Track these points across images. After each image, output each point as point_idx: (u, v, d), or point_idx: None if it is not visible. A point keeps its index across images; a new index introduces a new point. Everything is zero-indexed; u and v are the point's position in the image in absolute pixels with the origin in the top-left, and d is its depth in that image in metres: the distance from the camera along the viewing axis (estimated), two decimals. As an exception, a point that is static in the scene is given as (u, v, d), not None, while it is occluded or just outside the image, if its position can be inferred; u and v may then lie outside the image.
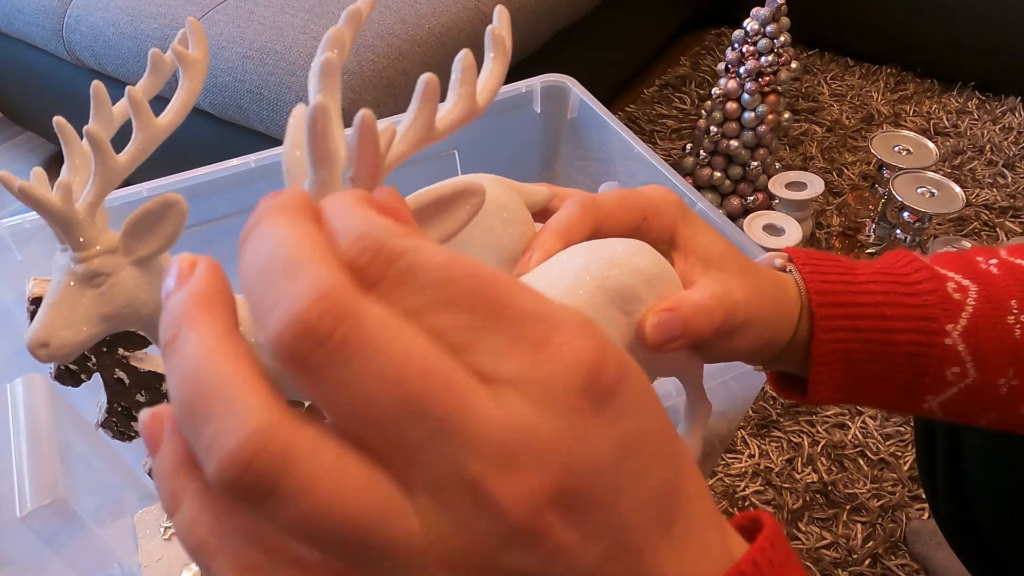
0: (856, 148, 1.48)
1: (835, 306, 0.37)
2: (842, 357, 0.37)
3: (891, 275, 0.38)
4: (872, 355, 0.37)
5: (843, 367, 0.38)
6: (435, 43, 1.03)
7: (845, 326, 0.37)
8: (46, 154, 1.60)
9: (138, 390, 0.54)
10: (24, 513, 0.52)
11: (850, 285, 0.37)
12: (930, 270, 0.38)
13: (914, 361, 0.37)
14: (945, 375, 0.37)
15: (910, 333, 0.37)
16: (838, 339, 0.37)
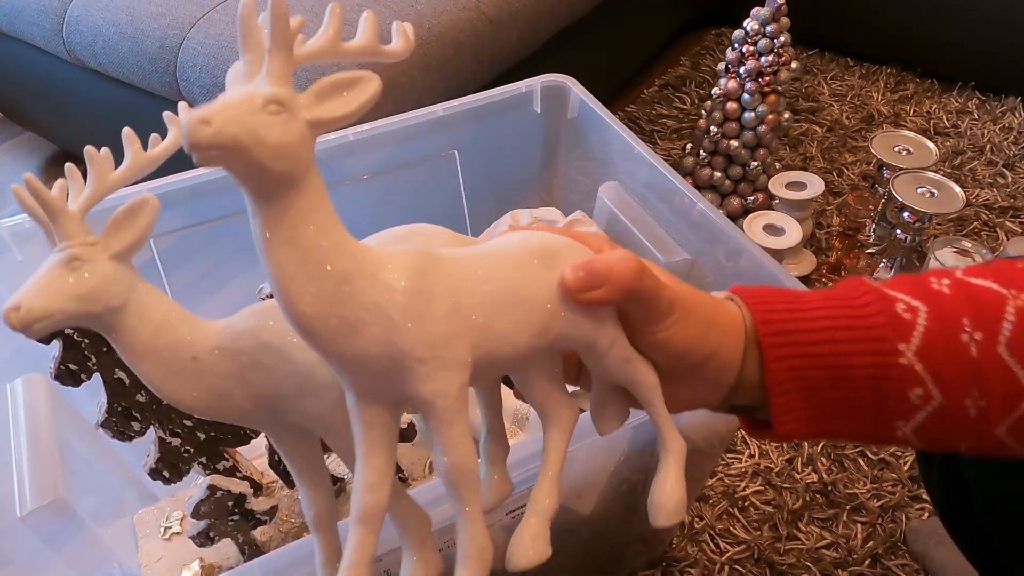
0: (856, 148, 1.48)
1: (782, 333, 0.37)
2: (800, 385, 0.37)
3: (838, 300, 0.38)
4: (830, 380, 0.37)
5: (803, 395, 0.37)
6: (435, 43, 1.03)
7: (796, 352, 0.37)
8: (46, 154, 1.60)
9: (138, 390, 0.54)
10: (24, 513, 0.52)
11: (796, 312, 0.37)
12: (878, 293, 0.37)
13: (874, 384, 0.36)
14: (909, 397, 0.36)
15: (864, 355, 0.36)
16: (792, 366, 0.37)
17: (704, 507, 0.93)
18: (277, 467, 0.61)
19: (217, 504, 0.56)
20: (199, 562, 0.64)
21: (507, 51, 1.14)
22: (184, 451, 0.58)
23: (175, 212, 0.54)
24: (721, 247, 0.71)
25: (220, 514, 0.57)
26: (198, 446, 0.58)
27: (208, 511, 0.56)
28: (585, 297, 0.35)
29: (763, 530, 0.91)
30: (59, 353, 0.51)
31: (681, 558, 0.89)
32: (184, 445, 0.57)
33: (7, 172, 1.57)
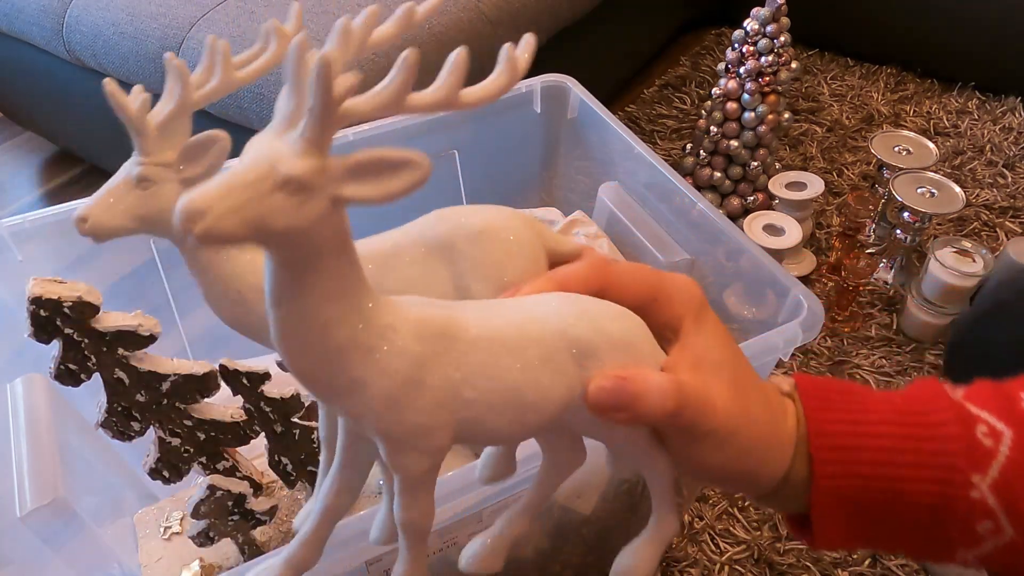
0: (856, 148, 1.48)
1: (837, 449, 0.33)
2: (850, 507, 0.34)
3: (909, 415, 0.34)
4: (885, 505, 0.33)
5: (853, 515, 0.34)
6: (435, 43, 1.03)
7: (851, 472, 0.33)
8: (46, 154, 1.60)
9: (138, 390, 0.54)
10: (24, 513, 0.52)
11: (857, 426, 0.34)
12: (958, 409, 0.33)
13: (936, 514, 0.33)
14: (976, 529, 0.33)
15: (929, 484, 0.32)
16: (843, 486, 0.33)
17: (704, 507, 0.93)
18: (277, 467, 0.61)
19: (217, 504, 0.56)
20: (199, 562, 0.64)
21: (507, 51, 1.13)
22: (184, 451, 0.58)
23: (175, 212, 0.54)
24: (721, 247, 0.71)
25: (220, 514, 0.57)
26: (198, 446, 0.58)
27: (208, 511, 0.56)
28: (604, 416, 0.32)
29: (763, 530, 0.91)
30: (59, 353, 0.51)
31: (681, 558, 0.89)
32: (184, 445, 0.57)
33: (7, 172, 1.57)
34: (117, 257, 0.76)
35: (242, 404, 0.57)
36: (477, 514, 0.56)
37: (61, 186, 1.52)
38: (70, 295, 0.47)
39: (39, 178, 1.55)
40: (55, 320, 0.48)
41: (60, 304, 0.47)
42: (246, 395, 0.55)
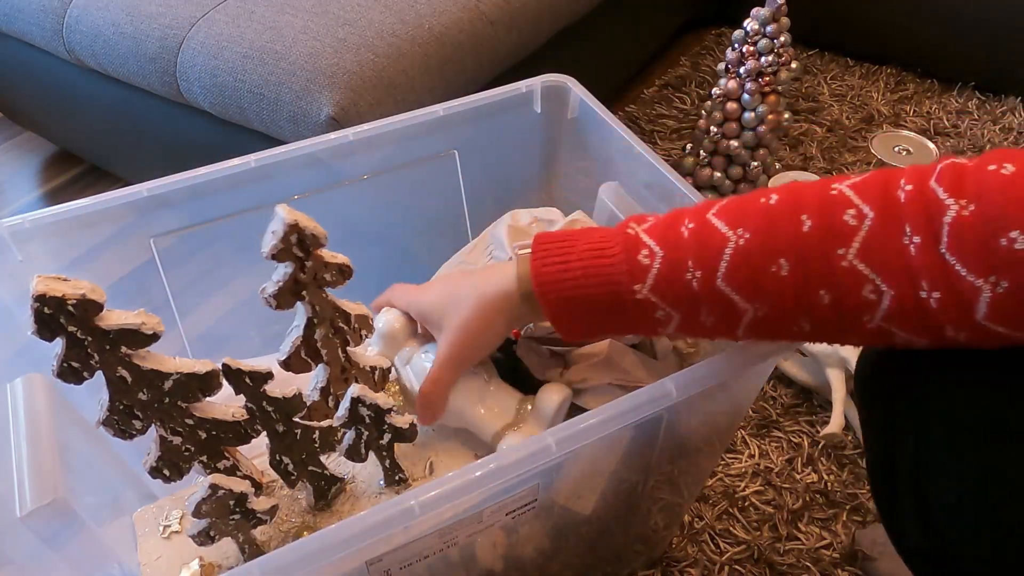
0: (856, 148, 1.48)
1: (549, 284, 0.51)
2: (567, 312, 0.51)
3: (595, 252, 0.50)
4: (588, 310, 0.51)
5: (573, 316, 0.51)
6: (435, 43, 1.03)
7: (559, 295, 0.51)
8: (46, 154, 1.60)
9: (140, 388, 0.54)
10: (24, 513, 0.52)
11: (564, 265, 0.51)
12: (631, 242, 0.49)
13: (619, 313, 0.50)
14: (655, 317, 0.49)
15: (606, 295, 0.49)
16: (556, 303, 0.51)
17: (704, 507, 0.93)
18: (278, 466, 0.61)
19: (219, 503, 0.56)
20: (198, 561, 0.64)
21: (507, 51, 1.14)
22: (185, 450, 0.57)
23: (175, 212, 0.54)
24: (721, 247, 0.71)
25: (221, 513, 0.57)
26: (199, 445, 0.58)
27: (209, 510, 0.56)
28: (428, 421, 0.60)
29: (763, 530, 0.91)
30: (62, 351, 0.51)
31: (681, 558, 0.89)
32: (185, 444, 0.57)
33: (7, 172, 1.57)
34: (117, 257, 0.76)
35: (244, 403, 0.57)
36: (477, 514, 0.56)
37: (61, 186, 1.52)
38: (74, 293, 0.47)
39: (39, 178, 1.55)
40: (58, 318, 0.48)
41: (64, 302, 0.47)
42: (248, 394, 0.55)
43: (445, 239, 0.92)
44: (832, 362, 1.02)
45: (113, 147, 1.39)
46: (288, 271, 0.54)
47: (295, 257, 0.53)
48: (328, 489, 0.63)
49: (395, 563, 0.55)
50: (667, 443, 0.65)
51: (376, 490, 0.63)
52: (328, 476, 0.62)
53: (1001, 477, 0.46)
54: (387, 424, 0.57)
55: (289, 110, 0.96)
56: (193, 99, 1.06)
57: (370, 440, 0.59)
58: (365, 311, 0.60)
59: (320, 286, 0.56)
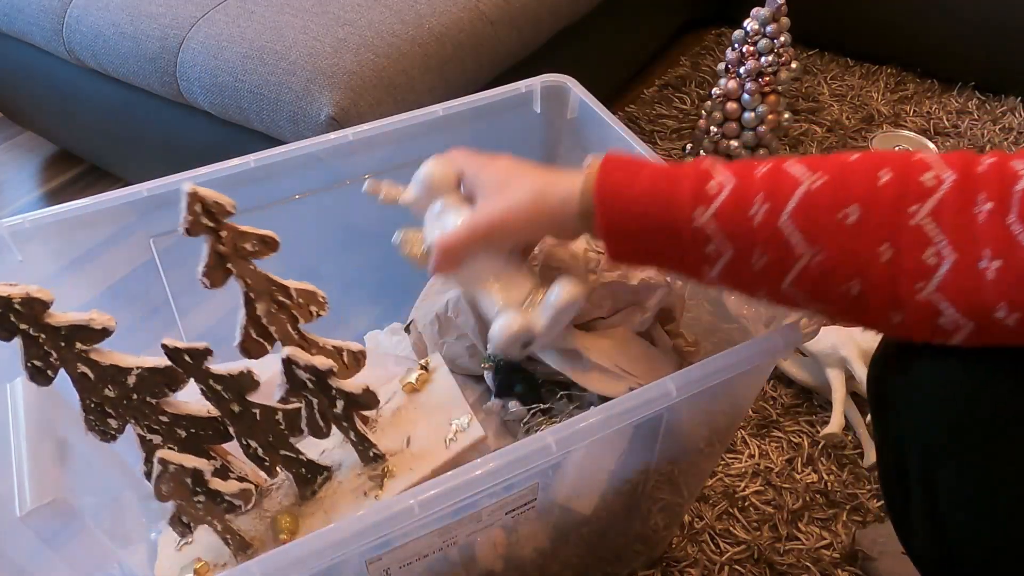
0: (856, 148, 1.48)
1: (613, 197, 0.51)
2: (623, 230, 0.51)
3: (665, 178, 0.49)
4: (642, 229, 0.50)
5: (626, 236, 0.51)
6: (435, 43, 1.03)
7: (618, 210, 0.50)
8: (46, 154, 1.60)
9: (104, 384, 0.54)
10: (24, 513, 0.53)
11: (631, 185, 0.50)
12: (702, 173, 0.48)
13: (671, 238, 0.49)
14: (705, 251, 0.48)
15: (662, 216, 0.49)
16: (614, 220, 0.51)
17: (704, 507, 0.93)
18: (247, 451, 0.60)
19: (175, 481, 0.56)
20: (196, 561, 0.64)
21: (507, 51, 1.14)
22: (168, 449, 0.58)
23: (175, 212, 0.54)
24: (721, 247, 0.71)
25: (183, 494, 0.57)
26: (180, 444, 0.58)
27: (169, 491, 0.56)
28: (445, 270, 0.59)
29: (763, 530, 0.91)
30: (22, 351, 0.52)
31: (681, 558, 0.89)
32: (166, 443, 0.58)
33: (7, 172, 1.57)
34: (117, 257, 0.76)
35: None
36: (477, 514, 0.56)
37: (61, 186, 1.52)
38: (19, 292, 0.49)
39: (39, 178, 1.56)
40: (9, 316, 0.50)
41: (10, 301, 0.49)
42: (192, 373, 0.56)
43: (445, 239, 0.92)
44: (832, 362, 1.02)
45: (113, 147, 1.39)
46: (207, 245, 0.55)
47: (207, 228, 0.54)
48: (312, 478, 0.63)
49: (394, 562, 0.55)
50: (667, 443, 0.65)
51: (357, 470, 0.63)
52: (307, 463, 0.62)
53: (1010, 481, 0.46)
54: (334, 389, 0.57)
55: (289, 110, 0.96)
56: (193, 99, 1.06)
57: (324, 410, 0.58)
58: (309, 286, 0.60)
59: (244, 257, 0.56)
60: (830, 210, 0.44)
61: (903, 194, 0.42)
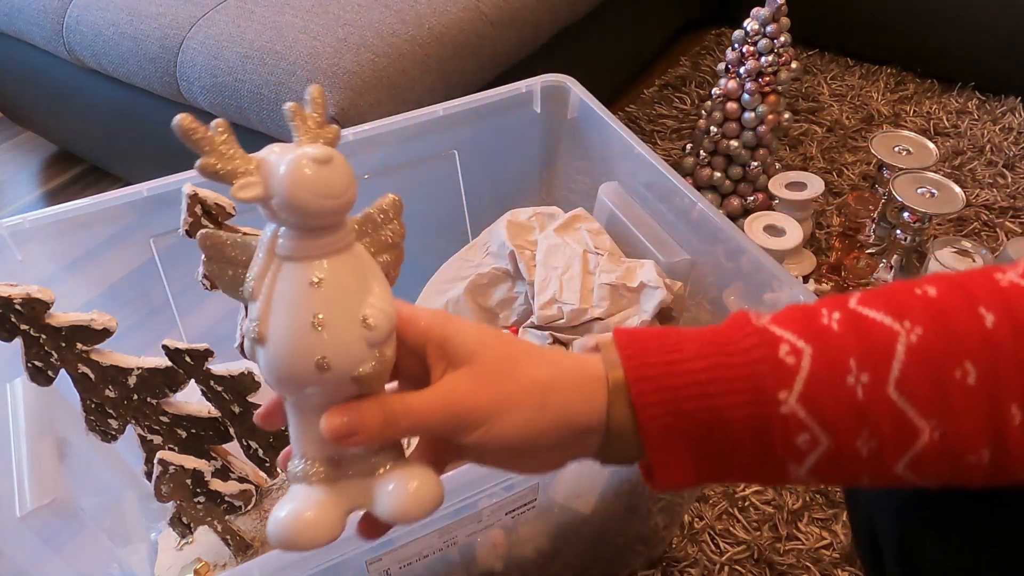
0: (856, 148, 1.48)
1: (657, 391, 0.36)
2: (679, 441, 0.36)
3: (718, 346, 0.36)
4: (708, 433, 0.36)
5: (684, 449, 0.36)
6: (435, 43, 1.03)
7: (671, 409, 0.36)
8: (46, 154, 1.60)
9: (105, 384, 0.54)
10: (24, 513, 0.53)
11: (672, 365, 0.36)
12: (762, 334, 0.36)
13: (756, 434, 0.35)
14: (796, 443, 0.35)
15: (742, 407, 0.35)
16: (666, 425, 0.36)
17: (704, 507, 0.93)
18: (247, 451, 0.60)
19: (175, 482, 0.56)
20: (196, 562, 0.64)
21: (507, 51, 1.14)
22: (168, 449, 0.58)
23: (175, 212, 0.54)
24: (721, 247, 0.71)
25: (184, 495, 0.57)
26: (181, 444, 0.58)
27: (169, 491, 0.56)
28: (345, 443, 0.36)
29: (763, 530, 0.91)
30: (23, 351, 0.52)
31: (681, 558, 0.89)
32: (166, 443, 0.58)
33: (7, 172, 1.57)
34: (117, 257, 0.76)
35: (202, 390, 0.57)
36: (477, 514, 0.56)
37: (61, 186, 1.52)
38: (19, 293, 0.49)
39: (39, 178, 1.55)
40: (10, 317, 0.49)
41: (10, 301, 0.49)
42: (194, 374, 0.56)
43: (445, 239, 0.93)
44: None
45: (113, 147, 1.39)
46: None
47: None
48: None
49: (395, 562, 0.55)
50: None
51: None
52: None
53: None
54: None
55: (289, 110, 0.96)
56: (193, 99, 1.06)
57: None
58: None
59: None
60: (944, 369, 0.35)
61: (1020, 338, 0.34)
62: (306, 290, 0.34)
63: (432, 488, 0.37)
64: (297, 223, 0.34)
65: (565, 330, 0.77)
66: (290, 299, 0.34)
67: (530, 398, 0.37)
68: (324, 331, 0.34)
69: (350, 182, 0.34)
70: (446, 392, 0.37)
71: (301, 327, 0.34)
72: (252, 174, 0.33)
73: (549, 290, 0.77)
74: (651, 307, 0.75)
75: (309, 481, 0.37)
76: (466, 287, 0.83)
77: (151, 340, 0.58)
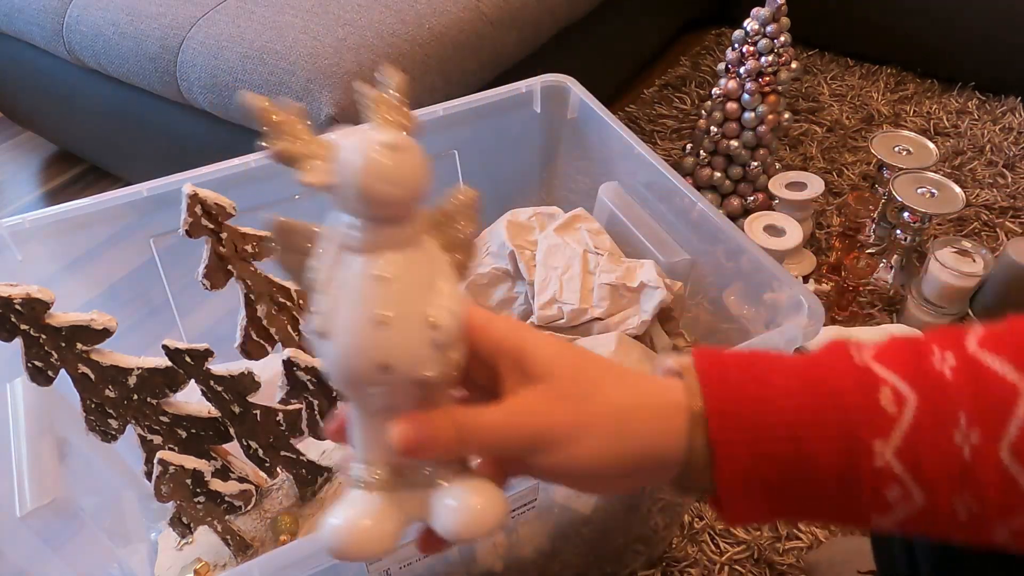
0: (856, 148, 1.48)
1: (738, 430, 0.33)
2: (755, 484, 0.33)
3: (811, 384, 0.33)
4: (789, 479, 0.33)
5: (760, 491, 0.34)
6: (435, 43, 1.03)
7: (752, 452, 0.33)
8: (46, 154, 1.60)
9: (105, 384, 0.54)
10: (24, 513, 0.53)
11: (758, 403, 0.33)
12: (862, 374, 0.33)
13: (843, 485, 0.32)
14: (885, 496, 0.32)
15: (831, 455, 0.32)
16: (745, 467, 0.33)
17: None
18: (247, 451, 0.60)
19: (175, 482, 0.56)
20: (196, 562, 0.64)
21: (507, 51, 1.14)
22: (168, 449, 0.58)
23: (175, 212, 0.55)
24: (721, 247, 0.71)
25: (184, 495, 0.57)
26: (182, 444, 0.58)
27: (169, 491, 0.56)
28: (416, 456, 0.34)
29: (763, 530, 0.91)
30: (23, 351, 0.52)
31: (681, 558, 0.89)
32: (166, 443, 0.58)
33: (7, 172, 1.57)
34: (117, 257, 0.76)
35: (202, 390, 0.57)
36: (477, 514, 0.56)
37: (61, 186, 1.52)
38: (19, 293, 0.49)
39: (39, 178, 1.55)
40: (10, 317, 0.49)
41: (10, 301, 0.49)
42: (194, 374, 0.56)
43: (445, 239, 0.92)
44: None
45: (113, 147, 1.39)
46: (208, 247, 0.55)
47: (208, 230, 0.54)
48: (312, 479, 0.63)
49: (395, 563, 0.55)
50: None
51: None
52: (307, 463, 0.62)
53: None
54: (335, 391, 0.57)
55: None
56: (193, 99, 1.06)
57: (325, 411, 0.58)
58: None
59: (244, 259, 0.56)
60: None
61: None
62: (370, 284, 0.31)
63: (496, 506, 0.35)
64: (364, 211, 0.31)
65: (565, 330, 0.77)
66: (353, 293, 0.32)
67: (608, 423, 0.34)
68: (388, 330, 0.31)
69: (423, 172, 0.31)
70: (521, 411, 0.34)
71: (363, 323, 0.31)
72: (323, 159, 0.31)
73: (549, 290, 0.77)
74: (651, 307, 0.75)
75: (369, 488, 0.35)
76: (466, 287, 0.83)
77: (151, 340, 0.58)
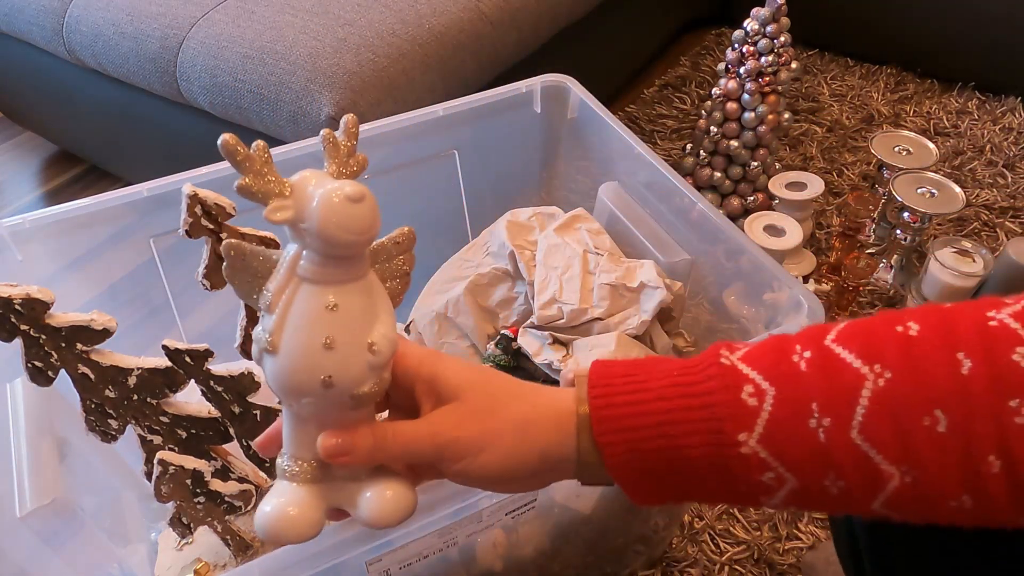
0: (856, 148, 1.48)
1: (617, 431, 0.38)
2: (644, 474, 0.38)
3: (682, 386, 0.38)
4: (672, 469, 0.37)
5: (649, 479, 0.39)
6: (435, 43, 1.03)
7: (632, 448, 0.38)
8: (46, 154, 1.60)
9: (105, 385, 0.54)
10: (24, 513, 0.53)
11: (634, 406, 0.38)
12: (726, 375, 0.37)
13: (717, 472, 0.37)
14: (761, 480, 0.36)
15: (701, 447, 0.36)
16: (628, 461, 0.38)
17: (704, 507, 0.93)
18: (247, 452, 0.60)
19: (175, 482, 0.56)
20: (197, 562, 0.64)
21: (507, 51, 1.14)
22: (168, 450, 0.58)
23: (175, 212, 0.55)
24: (721, 247, 0.71)
25: (183, 495, 0.57)
26: (181, 445, 0.58)
27: (169, 491, 0.56)
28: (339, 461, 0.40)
29: (763, 530, 0.91)
30: (23, 351, 0.52)
31: (681, 558, 0.89)
32: (166, 443, 0.58)
33: (7, 172, 1.57)
34: (117, 257, 0.76)
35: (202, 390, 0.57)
36: (477, 514, 0.56)
37: (61, 186, 1.52)
38: (19, 293, 0.49)
39: (39, 178, 1.55)
40: (9, 317, 0.49)
41: (10, 302, 0.49)
42: (194, 375, 0.56)
43: (445, 239, 0.93)
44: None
45: (113, 147, 1.39)
46: (208, 247, 0.55)
47: (208, 230, 0.54)
48: None
49: (395, 563, 0.55)
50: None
51: None
52: None
53: None
54: None
55: (289, 110, 0.96)
56: (193, 99, 1.06)
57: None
58: None
59: None
60: (911, 416, 0.34)
61: (995, 384, 0.33)
62: (321, 312, 0.36)
63: (406, 498, 0.41)
64: (322, 250, 0.36)
65: (565, 330, 0.77)
66: (305, 318, 0.36)
67: (511, 433, 0.40)
68: (333, 352, 0.36)
69: (376, 220, 0.36)
70: (433, 425, 0.40)
71: (312, 346, 0.36)
72: (286, 198, 0.36)
73: (549, 290, 0.77)
74: (651, 307, 0.75)
75: (295, 479, 0.40)
76: (466, 287, 0.83)
77: (151, 340, 0.58)
